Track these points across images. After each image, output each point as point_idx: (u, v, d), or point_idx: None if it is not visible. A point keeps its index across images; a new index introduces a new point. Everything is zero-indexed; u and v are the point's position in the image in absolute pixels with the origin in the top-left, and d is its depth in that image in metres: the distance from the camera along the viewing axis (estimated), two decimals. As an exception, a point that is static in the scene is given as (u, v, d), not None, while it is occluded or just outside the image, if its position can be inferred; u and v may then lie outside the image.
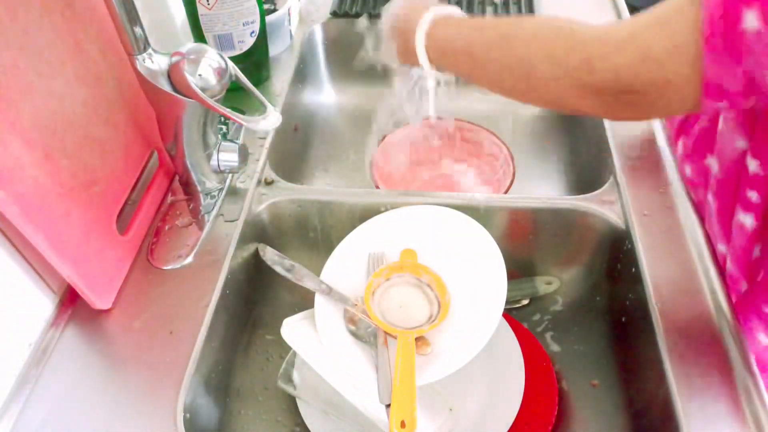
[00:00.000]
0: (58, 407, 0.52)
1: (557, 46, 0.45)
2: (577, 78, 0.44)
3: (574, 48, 0.44)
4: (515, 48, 0.48)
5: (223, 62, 0.57)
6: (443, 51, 0.55)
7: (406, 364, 0.54)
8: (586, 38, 0.43)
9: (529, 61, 0.47)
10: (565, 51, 0.44)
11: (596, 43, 0.42)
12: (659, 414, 0.54)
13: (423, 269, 0.63)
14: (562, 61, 0.44)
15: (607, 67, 0.41)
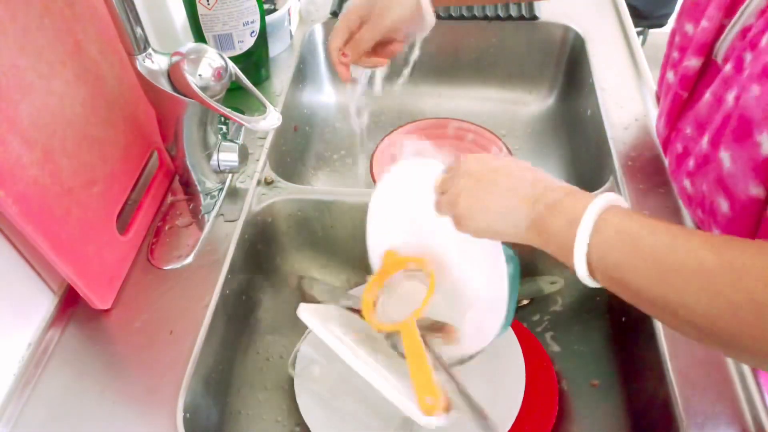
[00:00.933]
0: (58, 407, 0.52)
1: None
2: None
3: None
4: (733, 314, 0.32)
5: (223, 62, 0.57)
6: (610, 277, 0.38)
7: (412, 346, 0.53)
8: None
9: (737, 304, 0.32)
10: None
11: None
12: (659, 414, 0.54)
13: (407, 260, 0.60)
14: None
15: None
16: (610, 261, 0.37)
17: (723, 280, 0.32)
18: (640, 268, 0.35)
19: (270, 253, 0.74)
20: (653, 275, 0.35)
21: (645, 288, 0.35)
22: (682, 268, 0.34)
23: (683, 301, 0.33)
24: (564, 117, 0.95)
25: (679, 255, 0.34)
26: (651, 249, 0.35)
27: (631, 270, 0.36)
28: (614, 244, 0.37)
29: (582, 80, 0.88)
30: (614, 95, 0.81)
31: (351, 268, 0.77)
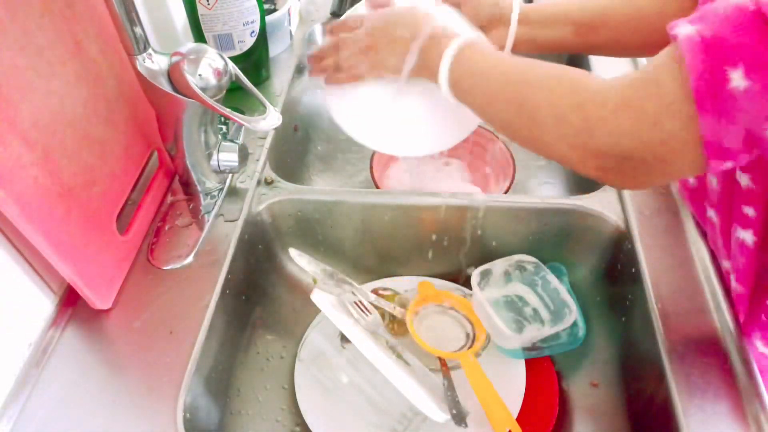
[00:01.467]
0: (58, 407, 0.52)
1: (562, 101, 0.44)
2: (580, 141, 0.43)
3: (576, 106, 0.43)
4: (524, 93, 0.47)
5: (223, 62, 0.57)
6: (461, 81, 0.54)
7: (481, 381, 0.58)
8: (588, 96, 0.43)
9: (536, 110, 0.46)
10: (569, 108, 0.43)
11: (596, 104, 0.42)
12: (659, 414, 0.54)
13: (444, 295, 0.67)
14: (565, 119, 0.44)
15: (606, 131, 0.41)
16: (462, 85, 0.54)
17: (514, 87, 0.49)
18: (483, 69, 0.52)
19: (270, 253, 0.74)
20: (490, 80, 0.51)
21: (480, 102, 0.53)
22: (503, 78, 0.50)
23: (500, 97, 0.50)
24: (564, 117, 0.95)
25: (504, 69, 0.51)
26: (490, 63, 0.52)
27: (476, 73, 0.53)
28: (463, 74, 0.53)
29: (582, 80, 0.88)
30: (614, 95, 0.81)
31: (351, 267, 0.77)
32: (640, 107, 0.39)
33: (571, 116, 0.43)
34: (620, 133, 0.40)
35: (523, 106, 0.47)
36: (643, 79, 0.39)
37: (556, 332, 0.63)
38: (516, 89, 0.48)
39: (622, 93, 0.40)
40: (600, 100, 0.41)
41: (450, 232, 0.72)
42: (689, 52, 0.36)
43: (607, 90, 0.42)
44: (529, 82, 0.48)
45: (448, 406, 0.57)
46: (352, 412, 0.61)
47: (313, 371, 0.65)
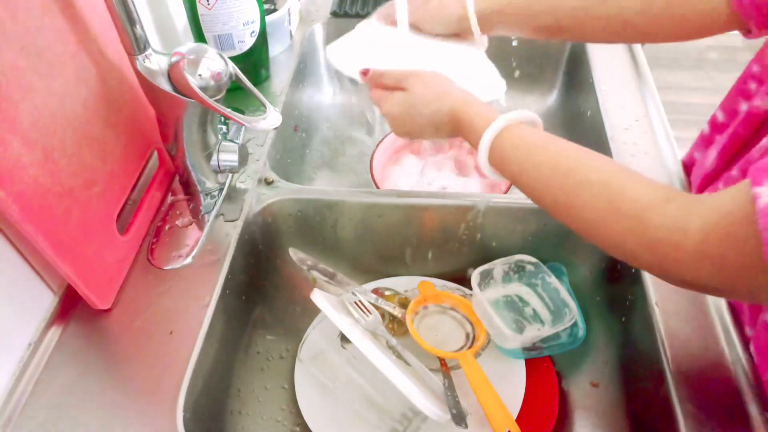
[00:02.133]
0: (58, 407, 0.52)
1: (626, 238, 0.42)
2: (655, 272, 0.42)
3: (646, 246, 0.41)
4: (587, 207, 0.44)
5: (223, 62, 0.57)
6: (506, 165, 0.51)
7: (481, 381, 0.58)
8: (657, 236, 0.40)
9: (600, 232, 0.44)
10: (637, 246, 0.41)
11: (670, 247, 0.39)
12: (659, 414, 0.54)
13: (444, 295, 0.67)
14: (635, 256, 0.42)
15: (684, 272, 0.40)
16: (503, 165, 0.51)
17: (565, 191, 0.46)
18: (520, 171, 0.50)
19: (270, 253, 0.74)
20: (530, 173, 0.49)
21: (523, 183, 0.50)
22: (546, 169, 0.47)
23: (546, 192, 0.48)
24: (564, 117, 0.95)
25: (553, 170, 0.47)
26: (536, 151, 0.49)
27: (516, 168, 0.50)
28: (507, 153, 0.50)
29: (582, 80, 0.88)
30: (614, 95, 0.81)
31: (351, 267, 0.77)
32: (720, 258, 0.37)
33: (643, 255, 0.41)
34: (702, 277, 0.39)
35: (578, 222, 0.45)
36: (725, 232, 0.37)
37: (556, 332, 0.63)
38: (569, 199, 0.46)
39: (700, 240, 0.38)
40: (674, 242, 0.39)
41: (450, 232, 0.72)
42: (765, 227, 0.34)
43: (679, 231, 0.39)
44: (582, 204, 0.45)
45: (448, 406, 0.57)
46: (352, 412, 0.61)
47: (313, 371, 0.65)
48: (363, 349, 0.56)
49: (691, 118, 2.18)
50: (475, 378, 0.58)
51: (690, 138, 0.74)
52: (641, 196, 0.42)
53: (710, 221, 0.38)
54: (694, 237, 0.38)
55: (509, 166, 0.50)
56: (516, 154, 0.49)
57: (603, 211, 0.43)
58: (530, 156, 0.49)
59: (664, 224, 0.40)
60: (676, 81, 2.34)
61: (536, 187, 0.48)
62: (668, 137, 0.75)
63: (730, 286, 0.38)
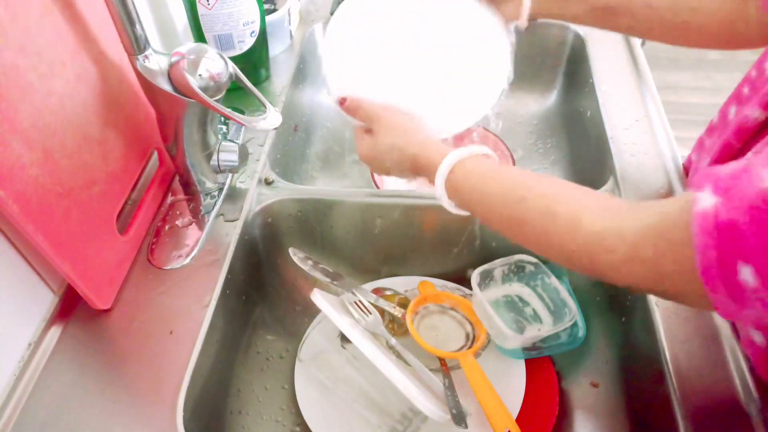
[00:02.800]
0: (58, 407, 0.52)
1: (563, 243, 0.43)
2: (592, 275, 0.42)
3: (581, 249, 0.41)
4: (528, 220, 0.46)
5: (223, 62, 0.57)
6: (460, 195, 0.52)
7: (481, 381, 0.58)
8: (591, 240, 0.41)
9: (537, 244, 0.46)
10: (572, 250, 0.42)
11: (604, 250, 0.40)
12: (659, 414, 0.54)
13: (444, 295, 0.67)
14: (572, 259, 0.43)
15: (617, 276, 0.40)
16: (459, 196, 0.52)
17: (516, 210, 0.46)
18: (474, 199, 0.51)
19: (270, 252, 0.74)
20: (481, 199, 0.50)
21: (477, 210, 0.51)
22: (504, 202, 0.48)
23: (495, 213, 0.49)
24: (564, 117, 0.95)
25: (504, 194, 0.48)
26: (487, 181, 0.50)
27: (469, 196, 0.51)
28: (460, 183, 0.52)
29: (582, 80, 0.88)
30: (614, 95, 0.81)
31: (351, 267, 0.77)
32: (652, 261, 0.37)
33: (579, 258, 0.42)
34: (633, 279, 0.39)
35: (530, 235, 0.46)
36: (655, 234, 0.37)
37: (556, 332, 0.63)
38: (519, 217, 0.47)
39: (633, 243, 0.38)
40: (608, 245, 0.39)
41: (450, 232, 0.72)
42: (700, 231, 0.33)
43: (614, 235, 0.39)
44: (531, 209, 0.46)
45: (448, 406, 0.57)
46: (352, 412, 0.61)
47: (313, 371, 0.65)
48: (363, 349, 0.56)
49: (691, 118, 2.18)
50: (475, 378, 0.58)
51: (690, 138, 0.74)
52: (578, 201, 0.43)
53: (647, 224, 0.38)
54: (628, 239, 0.38)
55: (463, 196, 0.52)
56: (468, 183, 0.51)
57: (540, 218, 0.44)
58: (481, 183, 0.50)
59: (598, 225, 0.40)
60: (676, 81, 2.34)
61: (487, 212, 0.50)
62: (668, 137, 0.75)
63: (661, 290, 0.38)
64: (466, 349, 0.62)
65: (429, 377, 0.61)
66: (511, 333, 0.60)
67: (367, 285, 0.73)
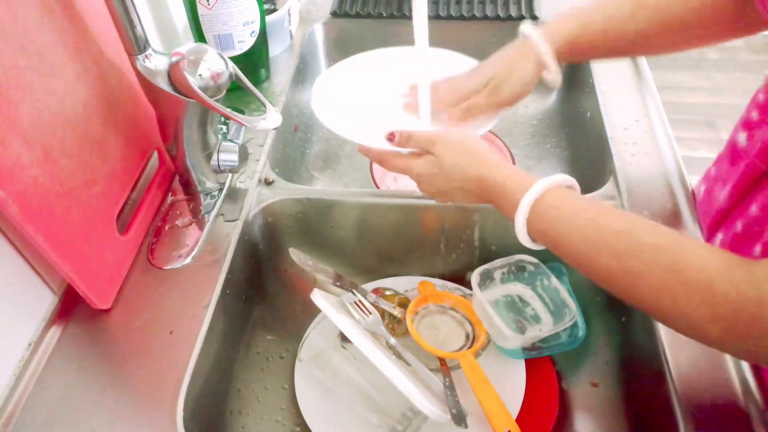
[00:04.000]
0: (58, 407, 0.52)
1: (694, 308, 0.38)
2: (723, 345, 0.40)
3: (717, 319, 0.38)
4: (644, 283, 0.41)
5: (223, 62, 0.57)
6: (547, 237, 0.48)
7: (481, 381, 0.58)
8: (731, 307, 0.37)
9: (664, 303, 0.40)
10: (706, 320, 0.38)
11: (745, 321, 0.36)
12: (659, 414, 0.54)
13: (444, 295, 0.68)
14: (703, 329, 0.39)
15: (757, 347, 0.37)
16: (543, 231, 0.48)
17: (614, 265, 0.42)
18: (563, 236, 0.46)
19: (270, 253, 0.74)
20: (575, 237, 0.45)
21: (566, 249, 0.46)
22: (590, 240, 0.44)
23: (595, 260, 0.44)
24: (564, 117, 0.95)
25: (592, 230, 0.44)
26: (577, 220, 0.45)
27: (558, 233, 0.47)
28: (548, 218, 0.47)
29: (582, 80, 0.88)
30: (614, 95, 0.81)
31: (351, 267, 0.77)
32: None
33: (710, 327, 0.38)
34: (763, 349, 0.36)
35: (636, 291, 0.42)
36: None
37: (556, 332, 0.63)
38: (621, 271, 0.42)
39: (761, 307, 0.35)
40: (749, 316, 0.36)
41: (450, 232, 0.72)
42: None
43: (754, 303, 0.36)
44: (641, 272, 0.41)
45: (448, 406, 0.57)
46: (352, 412, 0.61)
47: (313, 371, 0.65)
48: (363, 349, 0.56)
49: (691, 118, 2.18)
50: (475, 378, 0.58)
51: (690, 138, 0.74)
52: (705, 262, 0.39)
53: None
54: (753, 300, 0.35)
55: (550, 232, 0.47)
56: (558, 218, 0.46)
57: (664, 280, 0.39)
58: (573, 219, 0.45)
59: (733, 294, 0.37)
60: (676, 81, 2.34)
61: (583, 253, 0.45)
62: (668, 137, 0.75)
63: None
64: (466, 349, 0.62)
65: (429, 377, 0.61)
66: (511, 333, 0.60)
67: (367, 285, 0.73)
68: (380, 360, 0.55)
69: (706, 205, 0.63)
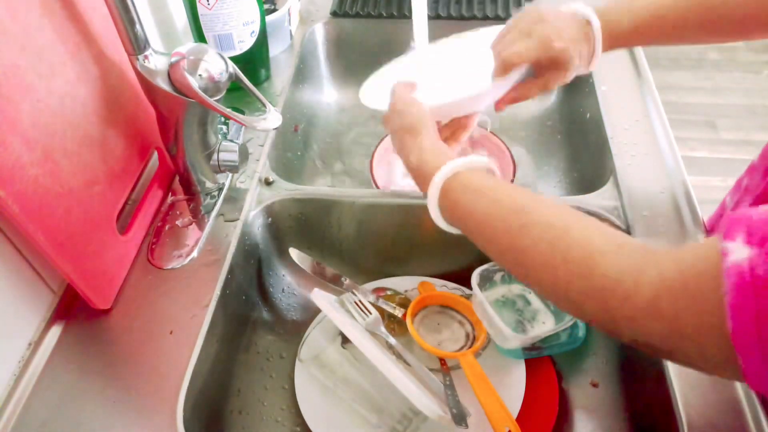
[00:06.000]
0: (58, 407, 0.52)
1: (573, 280, 0.38)
2: (601, 326, 0.38)
3: (592, 295, 0.37)
4: (532, 253, 0.41)
5: (223, 62, 0.57)
6: (455, 214, 0.49)
7: (481, 381, 0.58)
8: (606, 284, 0.36)
9: (539, 282, 0.41)
10: (582, 293, 0.38)
11: (618, 298, 0.35)
12: (659, 414, 0.54)
13: (444, 295, 0.68)
14: (581, 305, 0.38)
15: (633, 329, 0.35)
16: (452, 210, 0.48)
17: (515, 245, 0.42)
18: (468, 216, 0.47)
19: (270, 252, 0.74)
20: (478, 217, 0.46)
21: (471, 228, 0.47)
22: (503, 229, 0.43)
23: (492, 237, 0.44)
24: (564, 117, 0.95)
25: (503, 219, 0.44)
26: (487, 200, 0.45)
27: (464, 212, 0.47)
28: (456, 197, 0.48)
29: (582, 80, 0.88)
30: (614, 95, 0.81)
31: (351, 267, 0.77)
32: (673, 316, 0.33)
33: (589, 305, 0.38)
34: (650, 337, 0.35)
35: (523, 269, 0.42)
36: (681, 288, 0.33)
37: (556, 332, 0.63)
38: (519, 252, 0.42)
39: (654, 295, 0.33)
40: (623, 293, 0.35)
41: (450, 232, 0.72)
42: (733, 288, 0.29)
43: (630, 283, 0.35)
44: (526, 249, 0.41)
45: (448, 406, 0.57)
46: (352, 412, 0.61)
47: (313, 371, 0.65)
48: (363, 349, 0.56)
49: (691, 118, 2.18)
50: (475, 378, 0.58)
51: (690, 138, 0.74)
52: (589, 239, 0.39)
53: (667, 274, 0.33)
54: (646, 290, 0.34)
55: (458, 212, 0.48)
56: (465, 198, 0.47)
57: (546, 254, 0.40)
58: (479, 200, 0.46)
59: (612, 271, 0.36)
60: (676, 81, 2.34)
61: (484, 232, 0.45)
62: (668, 137, 0.75)
63: (683, 352, 0.34)
64: (466, 349, 0.62)
65: (429, 377, 0.61)
66: (511, 333, 0.60)
67: (367, 285, 0.73)
68: (380, 360, 0.55)
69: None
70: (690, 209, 0.66)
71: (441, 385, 0.60)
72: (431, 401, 0.54)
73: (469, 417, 0.57)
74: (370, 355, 0.56)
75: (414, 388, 0.54)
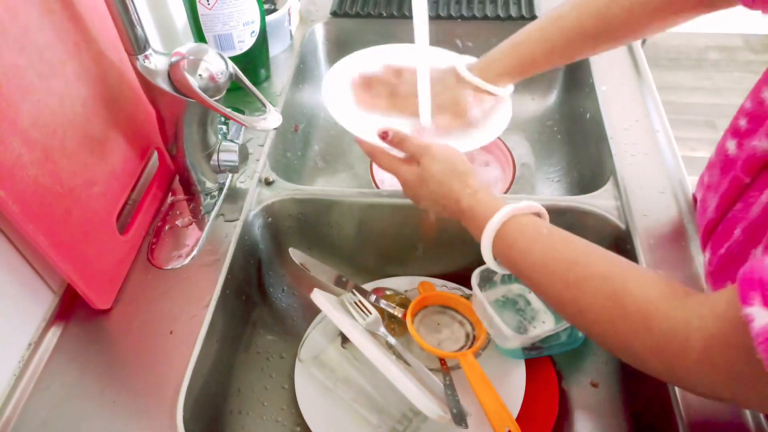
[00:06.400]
0: (58, 407, 0.52)
1: (633, 341, 0.39)
2: (665, 378, 0.40)
3: (652, 350, 0.38)
4: (592, 308, 0.42)
5: (223, 62, 0.57)
6: (509, 258, 0.49)
7: (481, 381, 0.58)
8: (663, 340, 0.37)
9: (601, 336, 0.42)
10: (643, 349, 0.39)
11: (675, 353, 0.36)
12: (659, 414, 0.54)
13: (444, 295, 0.68)
14: (644, 361, 0.39)
15: (693, 381, 0.37)
16: (506, 256, 0.49)
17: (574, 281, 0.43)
18: (523, 263, 0.48)
19: (270, 252, 0.74)
20: (534, 263, 0.47)
21: (527, 275, 0.48)
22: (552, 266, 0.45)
23: (550, 286, 0.45)
24: (564, 117, 0.95)
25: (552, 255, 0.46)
26: (541, 246, 0.47)
27: (519, 257, 0.48)
28: (510, 242, 0.49)
29: (582, 80, 0.88)
30: (614, 95, 0.81)
31: (351, 267, 0.77)
32: (725, 367, 0.34)
33: (651, 360, 0.39)
34: (709, 383, 0.36)
35: (586, 322, 0.43)
36: (722, 339, 0.34)
37: (556, 332, 0.63)
38: (575, 300, 0.43)
39: (705, 345, 0.35)
40: (678, 347, 0.36)
41: (450, 232, 0.72)
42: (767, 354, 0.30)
43: (683, 334, 0.36)
44: (587, 304, 0.42)
45: (448, 406, 0.57)
46: (352, 412, 0.61)
47: (313, 371, 0.65)
48: (363, 349, 0.56)
49: (691, 118, 2.18)
50: (475, 378, 0.58)
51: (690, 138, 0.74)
52: (644, 293, 0.39)
53: (709, 327, 0.35)
54: (696, 343, 0.35)
55: (512, 257, 0.48)
56: (519, 244, 0.48)
57: (606, 310, 0.41)
58: (534, 246, 0.47)
59: (665, 325, 0.37)
60: (676, 81, 2.34)
61: (541, 280, 0.46)
62: (668, 137, 0.75)
63: (744, 399, 0.36)
64: (466, 349, 0.62)
65: (429, 377, 0.61)
66: (511, 333, 0.60)
67: (367, 285, 0.73)
68: (380, 360, 0.55)
69: (701, 215, 0.61)
70: (689, 210, 0.66)
71: (441, 385, 0.60)
72: (431, 401, 0.54)
73: (469, 417, 0.57)
74: (370, 355, 0.56)
75: (414, 388, 0.54)
